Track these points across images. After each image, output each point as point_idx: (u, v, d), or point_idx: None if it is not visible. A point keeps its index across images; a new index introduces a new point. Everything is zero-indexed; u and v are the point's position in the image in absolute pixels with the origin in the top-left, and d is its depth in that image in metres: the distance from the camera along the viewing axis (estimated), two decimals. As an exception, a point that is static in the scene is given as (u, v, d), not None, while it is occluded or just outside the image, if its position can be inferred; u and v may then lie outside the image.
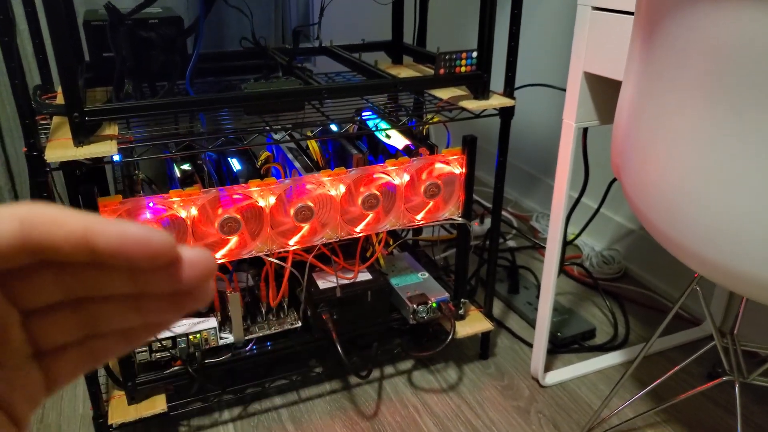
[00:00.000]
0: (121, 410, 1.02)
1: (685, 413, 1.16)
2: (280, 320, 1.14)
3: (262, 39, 1.19)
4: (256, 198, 0.98)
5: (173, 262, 0.23)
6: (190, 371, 1.04)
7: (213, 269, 0.24)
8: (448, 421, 1.15)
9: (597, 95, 1.02)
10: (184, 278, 0.23)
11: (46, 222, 0.21)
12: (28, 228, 0.21)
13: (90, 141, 0.85)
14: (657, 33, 0.73)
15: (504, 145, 1.14)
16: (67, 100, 0.81)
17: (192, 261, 0.23)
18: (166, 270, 0.23)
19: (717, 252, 0.71)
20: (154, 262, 0.22)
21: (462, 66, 1.06)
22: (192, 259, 0.23)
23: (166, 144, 0.93)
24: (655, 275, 1.57)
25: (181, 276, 0.23)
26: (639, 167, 0.79)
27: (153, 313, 0.25)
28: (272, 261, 1.05)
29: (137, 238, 0.22)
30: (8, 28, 0.75)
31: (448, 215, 1.15)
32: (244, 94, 0.93)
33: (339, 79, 1.28)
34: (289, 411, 1.17)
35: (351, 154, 1.12)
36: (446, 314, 1.18)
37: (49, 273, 0.23)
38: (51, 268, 0.23)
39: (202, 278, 0.23)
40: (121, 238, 0.21)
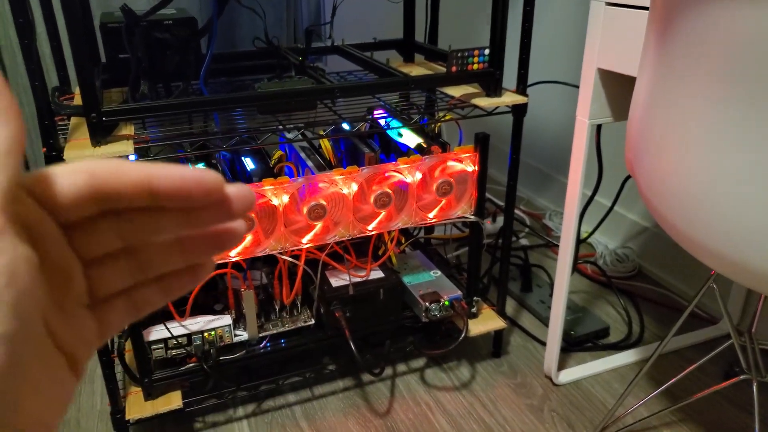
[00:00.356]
0: (137, 406, 1.04)
1: (701, 412, 1.15)
2: (293, 318, 1.14)
3: (274, 39, 1.20)
4: (269, 196, 0.99)
5: (223, 196, 0.26)
6: (205, 368, 1.06)
7: (253, 201, 0.27)
8: (461, 418, 1.15)
9: (610, 92, 1.02)
10: (233, 210, 0.26)
11: (112, 172, 0.24)
12: (97, 178, 0.24)
13: (107, 141, 0.86)
14: (672, 28, 0.73)
15: (517, 143, 1.14)
16: (85, 101, 0.82)
17: (237, 195, 0.26)
18: (218, 204, 0.26)
19: (733, 248, 0.70)
20: (209, 197, 0.25)
21: (474, 63, 1.07)
22: (236, 194, 0.26)
23: (181, 143, 0.94)
24: (670, 273, 1.56)
25: (231, 208, 0.26)
26: (653, 163, 0.79)
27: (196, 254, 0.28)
28: (286, 259, 1.06)
29: (194, 178, 0.25)
30: (28, 31, 0.77)
31: (461, 213, 1.15)
32: (258, 93, 0.94)
33: (351, 78, 1.29)
34: (302, 408, 1.18)
35: (363, 153, 1.12)
36: (459, 312, 1.19)
37: (109, 222, 0.25)
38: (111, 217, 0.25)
39: (246, 208, 0.26)
40: (181, 179, 0.24)
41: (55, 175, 0.24)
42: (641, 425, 1.12)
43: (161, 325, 1.04)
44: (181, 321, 1.06)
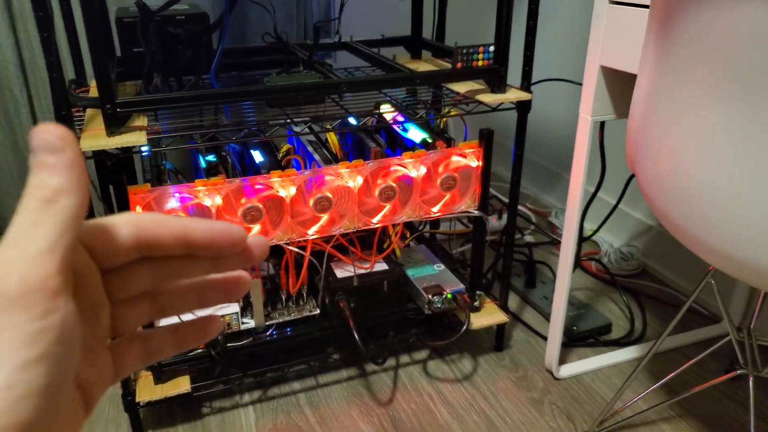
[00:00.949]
0: (147, 389, 1.07)
1: (700, 407, 1.17)
2: (299, 307, 1.17)
3: (284, 34, 1.22)
4: (277, 188, 1.01)
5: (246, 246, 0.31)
6: (213, 354, 1.09)
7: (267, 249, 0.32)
8: (462, 410, 1.17)
9: (613, 89, 1.03)
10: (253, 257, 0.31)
11: (153, 224, 0.29)
12: (142, 230, 0.28)
13: (121, 131, 0.89)
14: (671, 26, 0.74)
15: (521, 139, 1.16)
16: (101, 93, 0.86)
17: (255, 244, 0.31)
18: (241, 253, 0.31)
19: (730, 244, 0.72)
20: (235, 248, 0.30)
21: (479, 60, 1.08)
22: (254, 243, 0.31)
23: (192, 135, 0.96)
24: (675, 272, 1.57)
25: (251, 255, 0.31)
26: (653, 160, 0.81)
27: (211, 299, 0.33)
28: (292, 250, 1.09)
29: (224, 231, 0.30)
30: (47, 24, 0.80)
31: (465, 208, 1.17)
32: (266, 87, 0.97)
33: (358, 73, 1.31)
34: (307, 395, 1.20)
35: (369, 147, 1.15)
36: (461, 305, 1.21)
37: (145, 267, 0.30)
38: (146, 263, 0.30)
39: (262, 255, 0.31)
40: (211, 231, 0.29)
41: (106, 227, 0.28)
42: (639, 418, 1.14)
43: (171, 311, 1.07)
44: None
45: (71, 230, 0.25)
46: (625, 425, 1.12)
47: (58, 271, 0.24)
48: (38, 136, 0.25)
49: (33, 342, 0.23)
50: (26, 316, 0.23)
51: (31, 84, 1.55)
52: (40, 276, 0.24)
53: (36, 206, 0.25)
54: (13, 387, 0.23)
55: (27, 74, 1.53)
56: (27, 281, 0.23)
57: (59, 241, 0.25)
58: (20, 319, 0.23)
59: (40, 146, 0.25)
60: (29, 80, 1.54)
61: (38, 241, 0.24)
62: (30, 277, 0.24)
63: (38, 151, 0.25)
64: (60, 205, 0.25)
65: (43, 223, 0.24)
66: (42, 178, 0.25)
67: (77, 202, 0.25)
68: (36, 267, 0.24)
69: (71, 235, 0.25)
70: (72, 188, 0.25)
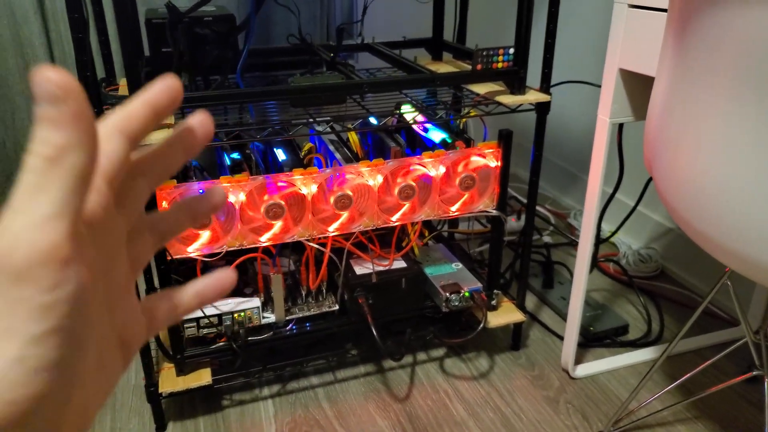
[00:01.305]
0: (170, 381, 1.10)
1: (715, 409, 1.17)
2: (318, 303, 1.20)
3: (307, 36, 1.25)
4: (299, 186, 1.04)
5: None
6: (234, 347, 1.11)
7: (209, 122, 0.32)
8: (478, 407, 1.19)
9: (632, 92, 1.04)
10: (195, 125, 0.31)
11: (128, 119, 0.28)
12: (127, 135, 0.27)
13: (149, 129, 0.92)
14: (689, 29, 0.75)
15: (540, 140, 1.17)
16: (131, 91, 0.89)
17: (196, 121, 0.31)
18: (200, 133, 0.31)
19: (746, 245, 0.72)
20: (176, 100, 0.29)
21: (499, 62, 1.10)
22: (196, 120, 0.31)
23: (217, 133, 0.99)
24: (693, 275, 1.56)
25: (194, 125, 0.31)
26: (670, 162, 0.81)
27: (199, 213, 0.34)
28: (313, 246, 1.11)
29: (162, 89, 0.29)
30: (82, 25, 0.83)
31: (483, 207, 1.18)
32: (290, 87, 0.99)
33: (380, 74, 1.33)
34: (325, 390, 1.23)
35: (389, 147, 1.17)
36: (479, 304, 1.22)
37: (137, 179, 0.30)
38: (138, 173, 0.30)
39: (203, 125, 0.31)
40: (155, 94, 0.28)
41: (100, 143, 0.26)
42: (655, 419, 1.14)
43: (194, 305, 1.10)
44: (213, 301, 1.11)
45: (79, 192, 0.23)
46: (640, 425, 1.13)
47: (68, 238, 0.23)
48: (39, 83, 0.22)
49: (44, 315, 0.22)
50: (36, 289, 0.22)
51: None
52: (48, 245, 0.22)
53: (40, 166, 0.23)
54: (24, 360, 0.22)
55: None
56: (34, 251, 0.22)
57: (67, 205, 0.23)
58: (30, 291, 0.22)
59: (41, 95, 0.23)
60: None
61: (44, 207, 0.22)
62: (37, 246, 0.22)
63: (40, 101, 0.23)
64: (66, 164, 0.23)
65: (48, 186, 0.23)
66: (44, 133, 0.23)
67: (84, 158, 0.23)
68: (43, 235, 0.22)
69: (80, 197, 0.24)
70: (77, 144, 0.23)
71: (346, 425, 1.14)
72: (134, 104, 0.28)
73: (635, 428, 1.13)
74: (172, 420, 1.16)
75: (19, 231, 0.22)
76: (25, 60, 1.52)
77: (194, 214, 0.33)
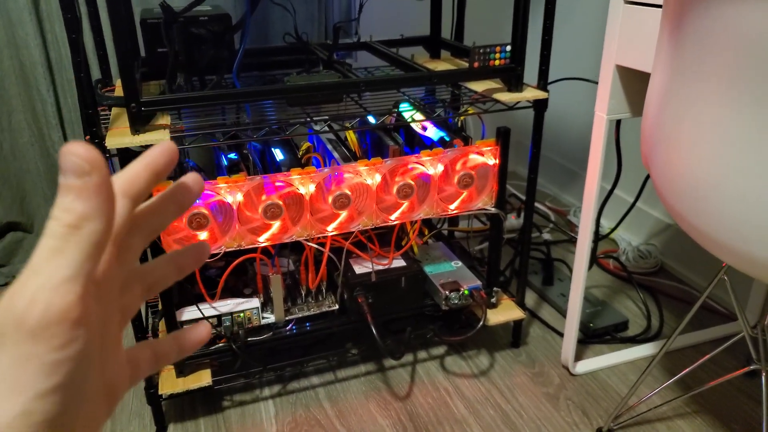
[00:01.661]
0: (170, 382, 1.10)
1: (714, 403, 1.17)
2: (318, 303, 1.19)
3: (304, 35, 1.24)
4: (297, 186, 1.03)
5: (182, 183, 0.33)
6: (234, 348, 1.11)
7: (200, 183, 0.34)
8: (478, 404, 1.19)
9: (629, 88, 1.04)
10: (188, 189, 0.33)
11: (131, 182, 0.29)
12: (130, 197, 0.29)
13: (145, 130, 0.92)
14: (684, 24, 0.75)
15: (538, 137, 1.17)
16: (126, 92, 0.88)
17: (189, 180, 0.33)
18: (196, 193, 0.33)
19: (742, 240, 0.73)
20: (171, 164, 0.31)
21: (496, 59, 1.10)
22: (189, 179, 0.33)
23: (214, 133, 0.99)
24: (693, 271, 1.56)
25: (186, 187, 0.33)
26: (665, 157, 0.81)
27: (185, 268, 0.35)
28: (312, 246, 1.11)
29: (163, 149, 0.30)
30: (75, 25, 0.83)
31: (482, 205, 1.18)
32: (287, 86, 0.99)
33: (378, 73, 1.33)
34: (325, 390, 1.23)
35: (387, 145, 1.17)
36: (478, 301, 1.22)
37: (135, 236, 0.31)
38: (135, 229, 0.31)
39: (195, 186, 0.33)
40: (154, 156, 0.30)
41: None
42: (654, 414, 1.14)
43: (193, 306, 1.10)
44: (212, 303, 1.11)
45: (95, 257, 0.26)
46: (639, 420, 1.13)
47: (80, 300, 0.25)
48: (67, 156, 0.25)
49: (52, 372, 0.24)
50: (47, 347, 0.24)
51: (58, 84, 1.59)
52: (62, 306, 0.24)
53: (60, 232, 0.25)
54: (29, 415, 0.24)
55: (54, 74, 1.57)
56: (50, 312, 0.24)
57: (82, 269, 0.25)
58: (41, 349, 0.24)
59: (67, 168, 0.25)
60: (56, 80, 1.58)
61: (62, 270, 0.24)
62: (53, 307, 0.24)
63: (66, 173, 0.25)
64: (85, 232, 0.25)
65: (66, 251, 0.25)
66: (68, 202, 0.25)
67: (102, 227, 0.25)
68: (59, 297, 0.24)
69: (94, 261, 0.26)
70: (97, 213, 0.25)
71: (347, 424, 1.14)
72: (136, 167, 0.30)
73: (635, 424, 1.13)
74: (173, 422, 1.16)
75: (37, 291, 0.24)
76: (21, 61, 1.52)
77: (181, 267, 0.35)
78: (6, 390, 0.23)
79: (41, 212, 1.65)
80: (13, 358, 0.24)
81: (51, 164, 1.62)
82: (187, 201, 0.33)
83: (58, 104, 1.60)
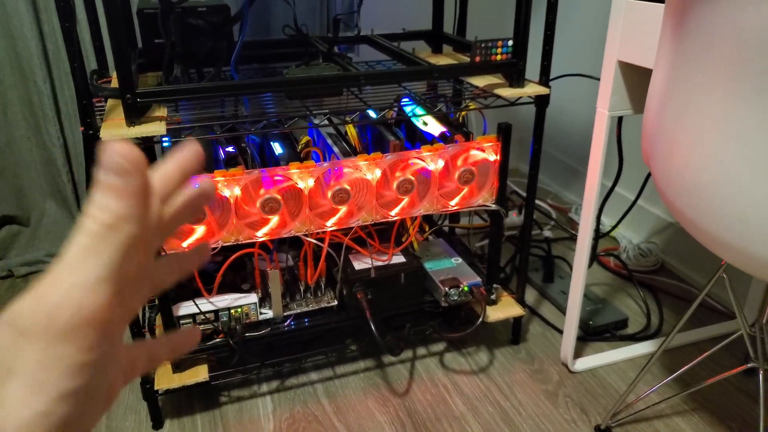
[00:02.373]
0: (166, 377, 1.09)
1: (712, 401, 1.16)
2: (317, 298, 1.18)
3: (303, 26, 1.23)
4: (295, 180, 1.02)
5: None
6: (231, 343, 1.10)
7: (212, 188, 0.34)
8: (477, 401, 1.18)
9: (631, 84, 1.03)
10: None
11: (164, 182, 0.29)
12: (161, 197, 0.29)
13: (141, 122, 0.90)
14: (686, 19, 0.74)
15: (539, 133, 1.15)
16: (121, 83, 0.87)
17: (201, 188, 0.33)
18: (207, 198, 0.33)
19: (741, 238, 0.72)
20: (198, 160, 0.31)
21: (498, 54, 1.08)
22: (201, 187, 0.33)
23: (212, 126, 0.98)
24: (693, 269, 1.55)
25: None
26: (666, 154, 0.80)
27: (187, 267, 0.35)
28: (310, 241, 1.10)
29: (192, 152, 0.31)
30: (68, 14, 0.81)
31: (482, 202, 1.17)
32: (285, 79, 0.98)
33: (379, 67, 1.32)
34: (324, 386, 1.22)
35: (388, 140, 1.15)
36: (478, 298, 1.21)
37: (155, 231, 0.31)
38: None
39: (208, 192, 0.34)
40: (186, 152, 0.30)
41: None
42: (652, 411, 1.14)
43: (190, 301, 1.09)
44: (209, 297, 1.10)
45: (129, 259, 0.25)
46: (638, 418, 1.12)
47: (111, 302, 0.25)
48: (110, 155, 0.24)
49: (77, 374, 0.24)
50: (75, 348, 0.24)
51: (54, 76, 1.57)
52: (93, 308, 0.24)
53: (96, 231, 0.24)
54: (48, 416, 0.23)
55: (51, 66, 1.56)
56: (82, 312, 0.24)
57: (116, 271, 0.25)
58: (70, 350, 0.24)
59: (110, 166, 0.24)
60: (53, 72, 1.57)
61: (96, 270, 0.24)
62: (84, 308, 0.24)
63: (107, 171, 0.24)
64: (121, 233, 0.25)
65: (102, 251, 0.24)
66: (106, 201, 0.24)
67: (138, 230, 0.25)
68: (92, 297, 0.24)
69: (128, 263, 0.25)
70: (135, 215, 0.25)
71: (344, 421, 1.13)
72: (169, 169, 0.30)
73: (633, 421, 1.12)
74: (169, 417, 1.15)
75: (69, 290, 0.24)
76: (17, 52, 1.50)
77: (183, 268, 0.35)
78: (29, 388, 0.23)
79: (37, 206, 1.64)
80: (41, 357, 0.23)
81: (47, 157, 1.61)
82: (202, 205, 0.33)
83: (55, 96, 1.58)
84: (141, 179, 0.25)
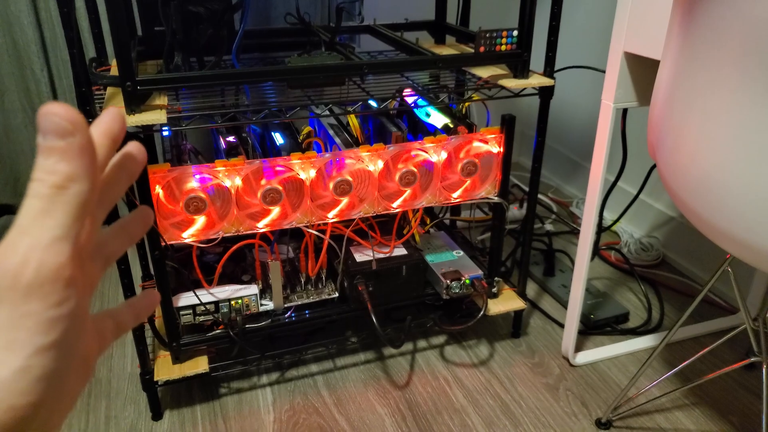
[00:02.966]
0: (166, 369, 1.08)
1: (713, 395, 1.16)
2: (318, 290, 1.18)
3: (305, 15, 1.21)
4: (297, 171, 1.01)
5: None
6: (231, 335, 1.09)
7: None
8: (478, 394, 1.17)
9: (637, 76, 1.02)
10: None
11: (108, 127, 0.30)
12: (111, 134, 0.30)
13: (141, 110, 0.89)
14: (696, 10, 0.73)
15: (543, 125, 1.14)
16: (121, 70, 0.86)
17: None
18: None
19: (749, 231, 0.71)
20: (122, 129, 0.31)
21: (502, 44, 1.07)
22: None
23: (212, 115, 0.96)
24: (694, 264, 1.55)
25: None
26: (673, 147, 0.80)
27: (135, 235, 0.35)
28: (312, 233, 1.09)
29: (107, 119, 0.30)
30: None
31: (485, 194, 1.16)
32: (286, 67, 0.96)
33: (381, 57, 1.30)
34: (324, 378, 1.21)
35: (390, 131, 1.14)
36: (479, 291, 1.20)
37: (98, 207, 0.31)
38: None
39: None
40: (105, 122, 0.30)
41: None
42: (653, 405, 1.13)
43: (190, 292, 1.08)
44: (210, 289, 1.09)
45: (82, 218, 0.26)
46: (639, 411, 1.12)
47: (71, 260, 0.25)
48: (47, 117, 0.24)
49: (49, 328, 0.25)
50: (44, 304, 0.24)
51: (52, 63, 1.55)
52: (55, 265, 0.25)
53: (46, 193, 0.25)
54: (28, 370, 0.24)
55: (48, 54, 1.54)
56: (43, 270, 0.24)
57: (71, 229, 0.25)
58: (38, 306, 0.24)
59: (49, 129, 0.24)
60: (50, 60, 1.55)
61: (52, 230, 0.25)
62: (45, 266, 0.24)
63: (47, 134, 0.24)
64: (72, 192, 0.25)
65: (54, 212, 0.25)
66: (51, 164, 0.25)
67: (88, 188, 0.26)
68: (51, 256, 0.25)
69: (81, 222, 0.26)
70: (83, 174, 0.25)
71: (345, 412, 1.13)
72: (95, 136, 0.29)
73: (634, 415, 1.12)
74: (169, 408, 1.14)
75: (28, 250, 0.24)
76: (14, 39, 1.48)
77: (131, 235, 0.35)
78: (5, 346, 0.24)
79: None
80: (11, 315, 0.24)
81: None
82: (135, 169, 0.33)
83: (52, 84, 1.57)
84: (84, 138, 0.25)
